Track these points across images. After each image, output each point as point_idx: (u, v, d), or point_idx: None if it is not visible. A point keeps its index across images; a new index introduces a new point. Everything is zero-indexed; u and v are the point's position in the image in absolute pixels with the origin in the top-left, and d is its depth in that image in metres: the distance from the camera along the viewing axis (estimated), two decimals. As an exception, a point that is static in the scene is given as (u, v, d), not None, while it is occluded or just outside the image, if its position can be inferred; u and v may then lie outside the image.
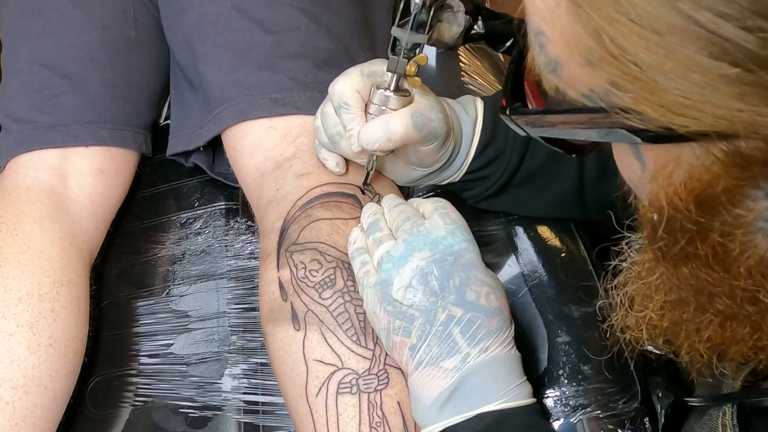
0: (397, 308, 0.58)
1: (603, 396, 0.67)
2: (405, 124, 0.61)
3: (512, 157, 0.68)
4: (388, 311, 0.59)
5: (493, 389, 0.56)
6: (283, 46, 0.76)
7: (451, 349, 0.56)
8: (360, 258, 0.63)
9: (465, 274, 0.58)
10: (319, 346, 0.62)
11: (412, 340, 0.58)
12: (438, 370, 0.56)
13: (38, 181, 0.77)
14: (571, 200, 0.71)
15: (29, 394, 0.67)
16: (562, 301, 0.71)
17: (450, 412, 0.56)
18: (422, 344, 0.57)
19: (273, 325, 0.66)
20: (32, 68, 0.81)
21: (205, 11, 0.79)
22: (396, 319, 0.58)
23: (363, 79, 0.64)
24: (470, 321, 0.57)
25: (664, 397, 0.65)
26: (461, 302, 0.57)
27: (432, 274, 0.58)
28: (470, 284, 0.58)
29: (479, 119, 0.68)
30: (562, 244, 0.75)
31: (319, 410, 0.61)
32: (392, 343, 0.59)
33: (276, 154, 0.73)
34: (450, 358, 0.56)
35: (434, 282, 0.58)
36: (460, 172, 0.69)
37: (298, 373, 0.63)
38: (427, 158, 0.66)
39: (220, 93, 0.77)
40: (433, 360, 0.57)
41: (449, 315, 0.57)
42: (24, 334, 0.68)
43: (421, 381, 0.57)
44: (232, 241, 0.83)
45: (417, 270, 0.59)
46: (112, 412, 0.77)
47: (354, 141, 0.63)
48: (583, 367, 0.68)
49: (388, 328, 0.59)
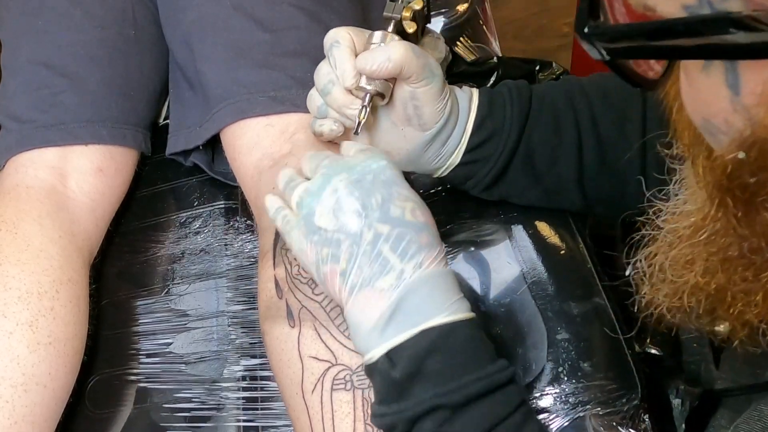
0: (322, 236, 0.56)
1: (603, 393, 0.67)
2: (404, 47, 0.61)
3: (511, 131, 0.67)
4: (314, 242, 0.56)
5: (434, 305, 0.54)
6: (283, 44, 0.77)
7: (383, 267, 0.54)
8: (281, 214, 0.60)
9: (387, 191, 0.56)
10: (313, 342, 0.62)
11: (342, 265, 0.55)
12: (373, 291, 0.54)
13: (38, 179, 0.77)
14: (571, 189, 0.71)
15: (29, 393, 0.67)
16: (561, 299, 0.71)
17: (393, 332, 0.54)
18: (352, 267, 0.55)
19: (270, 322, 0.66)
20: (32, 67, 0.82)
21: (204, 10, 0.79)
22: (323, 247, 0.56)
23: (357, 30, 0.64)
24: (399, 236, 0.55)
25: (686, 391, 0.64)
26: (386, 218, 0.55)
27: (352, 195, 0.56)
28: (393, 200, 0.56)
29: (475, 95, 0.68)
30: (562, 242, 0.75)
31: (315, 407, 0.61)
32: (323, 276, 0.57)
33: (273, 152, 0.73)
34: (384, 277, 0.54)
35: (355, 202, 0.56)
36: (460, 150, 0.68)
37: (294, 370, 0.63)
38: (425, 108, 0.64)
39: (219, 92, 0.77)
40: (366, 281, 0.54)
41: (376, 233, 0.55)
42: (24, 332, 0.68)
43: (358, 306, 0.55)
44: (232, 240, 0.83)
45: (336, 193, 0.56)
46: (112, 411, 0.77)
47: (348, 74, 0.62)
48: (582, 364, 0.68)
49: (317, 259, 0.56)
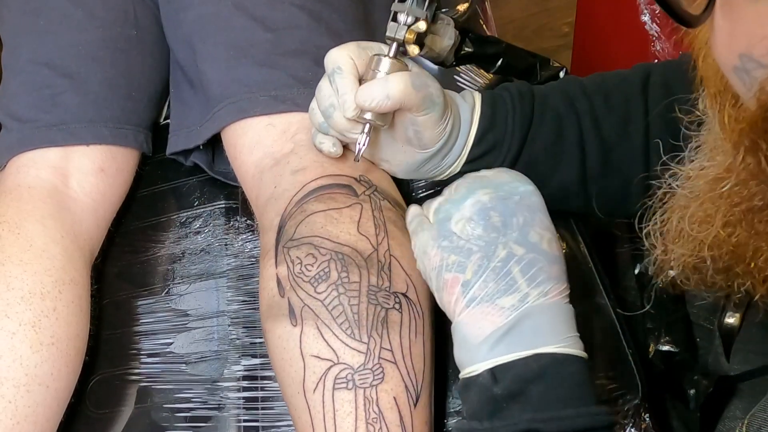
0: (453, 242, 0.56)
1: (603, 392, 0.67)
2: (404, 82, 0.60)
3: (512, 143, 0.67)
4: (442, 247, 0.57)
5: (551, 333, 0.54)
6: (284, 44, 0.77)
7: (510, 287, 0.54)
8: (416, 219, 0.61)
9: (530, 215, 0.57)
10: (315, 341, 0.62)
11: (467, 275, 0.55)
12: (493, 308, 0.54)
13: (40, 179, 0.77)
14: (574, 192, 0.70)
15: (31, 393, 0.67)
16: (562, 298, 0.72)
17: (504, 349, 0.54)
18: (478, 279, 0.55)
19: (271, 321, 0.66)
20: (33, 67, 0.82)
21: (205, 10, 0.79)
22: (451, 254, 0.56)
23: (359, 50, 0.63)
24: (531, 262, 0.55)
25: (699, 379, 0.63)
26: (523, 241, 0.55)
27: (495, 209, 0.56)
28: (534, 226, 0.56)
29: (477, 106, 0.68)
30: (562, 241, 0.75)
31: (317, 406, 0.61)
32: (443, 282, 0.57)
33: (274, 151, 0.73)
34: (507, 296, 0.54)
35: (496, 217, 0.56)
36: (461, 161, 0.68)
37: (295, 369, 0.63)
38: (425, 132, 0.64)
39: (220, 91, 0.77)
40: (488, 297, 0.55)
41: (510, 252, 0.55)
42: (26, 332, 0.68)
43: (472, 318, 0.55)
44: (232, 240, 0.83)
45: (479, 204, 0.57)
46: (112, 411, 0.77)
47: (348, 105, 0.62)
48: (583, 363, 0.68)
49: (441, 265, 0.57)
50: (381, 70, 0.62)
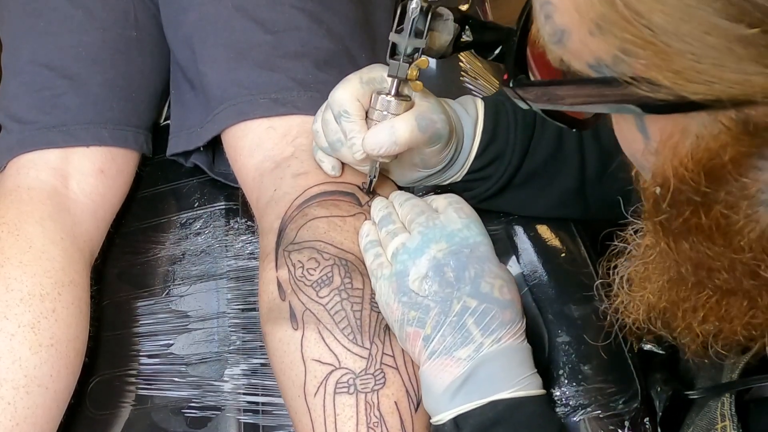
0: (412, 299, 0.59)
1: (603, 396, 0.67)
2: (410, 127, 0.61)
3: (513, 156, 0.68)
4: (402, 302, 0.59)
5: (505, 378, 0.57)
6: (284, 46, 0.76)
7: (465, 338, 0.57)
8: (373, 251, 0.63)
9: (480, 267, 0.59)
10: (316, 345, 0.62)
11: (427, 330, 0.58)
12: (451, 360, 0.57)
13: (39, 181, 0.77)
14: (573, 199, 0.71)
15: (30, 395, 0.67)
16: (562, 301, 0.71)
17: (462, 399, 0.57)
18: (436, 334, 0.58)
19: (272, 324, 0.66)
20: (33, 68, 0.82)
21: (205, 11, 0.79)
22: (411, 310, 0.59)
23: (362, 87, 0.63)
24: (484, 312, 0.58)
25: (662, 391, 0.65)
26: (476, 294, 0.58)
27: (448, 266, 0.59)
28: (485, 276, 0.59)
29: (480, 119, 0.68)
30: (562, 245, 0.75)
31: (317, 410, 0.61)
32: (405, 335, 0.60)
33: (275, 154, 0.73)
34: (464, 348, 0.57)
35: (450, 273, 0.59)
36: (462, 172, 0.69)
37: (296, 372, 0.63)
38: (431, 159, 0.66)
39: (220, 93, 0.77)
40: (446, 350, 0.57)
41: (464, 306, 0.58)
42: (26, 334, 0.68)
43: (434, 370, 0.58)
44: (232, 241, 0.83)
45: (433, 261, 0.59)
46: (113, 412, 0.77)
47: (357, 149, 0.63)
48: (583, 367, 0.68)
49: (402, 319, 0.59)
50: (386, 111, 0.62)
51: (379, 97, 0.63)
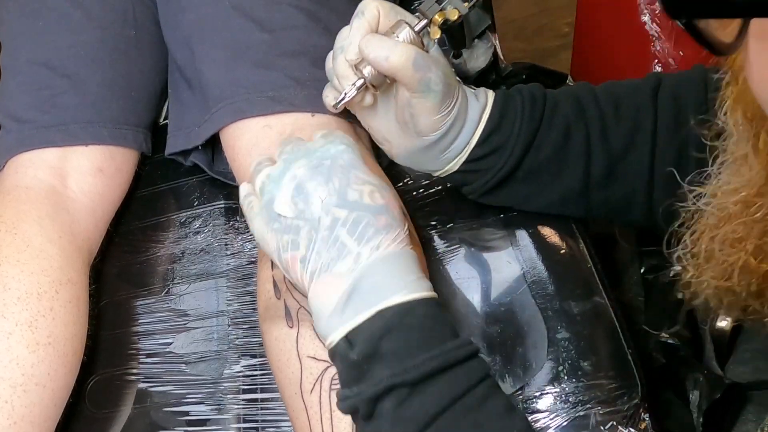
0: (282, 224, 0.57)
1: (603, 392, 0.67)
2: (408, 55, 0.61)
3: (515, 149, 0.67)
4: (275, 230, 0.57)
5: (390, 285, 0.54)
6: (282, 44, 0.76)
7: (341, 251, 0.54)
8: (246, 201, 0.61)
9: (344, 175, 0.57)
10: (311, 342, 0.63)
11: (302, 251, 0.55)
12: (332, 276, 0.54)
13: (38, 180, 0.77)
14: (575, 199, 0.70)
15: (28, 393, 0.67)
16: (561, 298, 0.71)
17: (350, 314, 0.53)
18: (311, 253, 0.55)
19: (268, 323, 0.66)
20: (32, 68, 0.82)
21: (203, 11, 0.79)
22: (283, 235, 0.56)
23: (391, 9, 0.64)
24: (356, 220, 0.55)
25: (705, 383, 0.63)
26: (343, 203, 0.55)
27: (310, 180, 0.57)
28: (351, 184, 0.56)
29: (488, 107, 0.67)
30: (562, 241, 0.75)
31: (314, 407, 0.61)
32: (285, 263, 0.57)
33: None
34: (341, 261, 0.54)
35: (314, 188, 0.56)
36: (460, 159, 0.68)
37: (293, 370, 0.63)
38: (420, 118, 0.64)
39: (218, 92, 0.77)
40: (325, 267, 0.54)
41: (333, 218, 0.55)
42: (23, 332, 0.68)
43: (318, 292, 0.55)
44: (232, 240, 0.83)
45: (295, 180, 0.57)
46: (112, 411, 0.77)
47: (353, 47, 0.63)
48: (582, 363, 0.68)
49: (278, 247, 0.57)
50: (399, 36, 0.63)
51: (401, 22, 0.64)
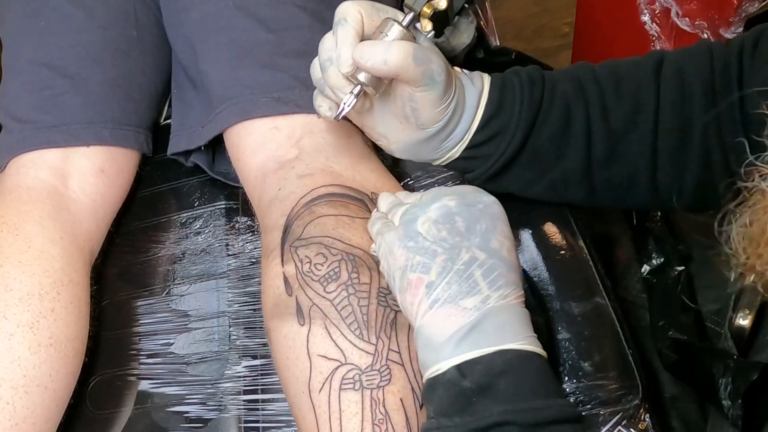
0: (419, 243, 0.57)
1: (603, 392, 0.67)
2: (406, 52, 0.59)
3: (517, 133, 0.66)
4: (408, 247, 0.58)
5: (513, 331, 0.55)
6: (286, 44, 0.76)
7: (472, 288, 0.55)
8: (381, 221, 0.62)
9: (492, 223, 0.58)
10: (323, 341, 0.62)
11: (431, 276, 0.56)
12: (456, 308, 0.55)
13: (39, 180, 0.77)
14: (577, 181, 0.69)
15: (29, 394, 0.67)
16: (562, 298, 0.71)
17: (469, 346, 0.54)
18: (442, 281, 0.56)
19: (277, 320, 0.65)
20: (33, 68, 0.82)
21: (207, 10, 0.79)
22: (416, 254, 0.57)
23: (371, 9, 0.62)
24: (491, 267, 0.56)
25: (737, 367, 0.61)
26: (485, 247, 0.57)
27: (460, 215, 0.58)
28: (496, 233, 0.58)
29: (485, 91, 0.66)
30: (563, 241, 0.75)
31: (322, 406, 0.60)
32: (407, 283, 0.57)
33: (279, 155, 0.73)
34: (470, 298, 0.55)
35: (461, 222, 0.57)
36: (462, 146, 0.67)
37: (301, 368, 0.62)
38: (422, 111, 0.63)
39: (222, 92, 0.77)
40: (451, 298, 0.55)
41: (472, 256, 0.56)
42: (24, 334, 0.68)
43: (436, 320, 0.55)
44: (233, 240, 0.83)
45: (445, 209, 0.58)
46: (113, 411, 0.77)
47: (345, 59, 0.60)
48: (583, 363, 0.68)
49: (406, 265, 0.57)
50: (388, 34, 0.61)
51: (387, 20, 0.61)
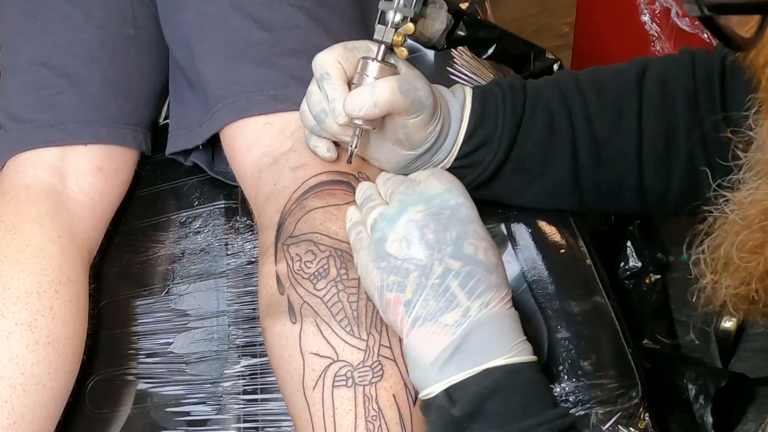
0: (391, 263, 0.57)
1: (603, 392, 0.67)
2: (391, 88, 0.60)
3: (502, 139, 0.67)
4: (381, 268, 0.57)
5: (498, 344, 0.54)
6: (282, 43, 0.77)
7: (450, 302, 0.54)
8: (355, 230, 0.62)
9: (462, 228, 0.57)
10: (315, 338, 0.62)
11: (407, 294, 0.55)
12: (437, 326, 0.54)
13: (37, 179, 0.77)
14: (566, 188, 0.70)
15: (28, 393, 0.67)
16: (561, 297, 0.71)
17: (454, 369, 0.54)
18: (418, 299, 0.55)
19: (270, 319, 0.65)
20: (31, 67, 0.82)
21: (203, 10, 0.79)
22: (390, 274, 0.57)
23: (346, 52, 0.63)
24: (468, 274, 0.55)
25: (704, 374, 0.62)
26: (458, 255, 0.56)
27: (427, 227, 0.57)
28: (467, 238, 0.56)
29: (468, 103, 0.67)
30: (562, 240, 0.75)
31: (316, 404, 0.61)
32: (386, 302, 0.57)
33: (273, 149, 0.73)
34: (449, 313, 0.54)
35: (430, 235, 0.56)
36: (451, 158, 0.68)
37: (295, 367, 0.63)
38: (415, 134, 0.64)
39: (218, 91, 0.77)
40: (431, 315, 0.55)
41: (446, 268, 0.55)
42: (23, 332, 0.68)
43: (419, 340, 0.55)
44: (232, 240, 0.83)
45: (411, 224, 0.57)
46: (112, 411, 0.77)
47: (339, 111, 0.62)
48: (582, 363, 0.68)
49: (382, 285, 0.57)
50: (368, 74, 0.61)
51: (363, 61, 0.62)
